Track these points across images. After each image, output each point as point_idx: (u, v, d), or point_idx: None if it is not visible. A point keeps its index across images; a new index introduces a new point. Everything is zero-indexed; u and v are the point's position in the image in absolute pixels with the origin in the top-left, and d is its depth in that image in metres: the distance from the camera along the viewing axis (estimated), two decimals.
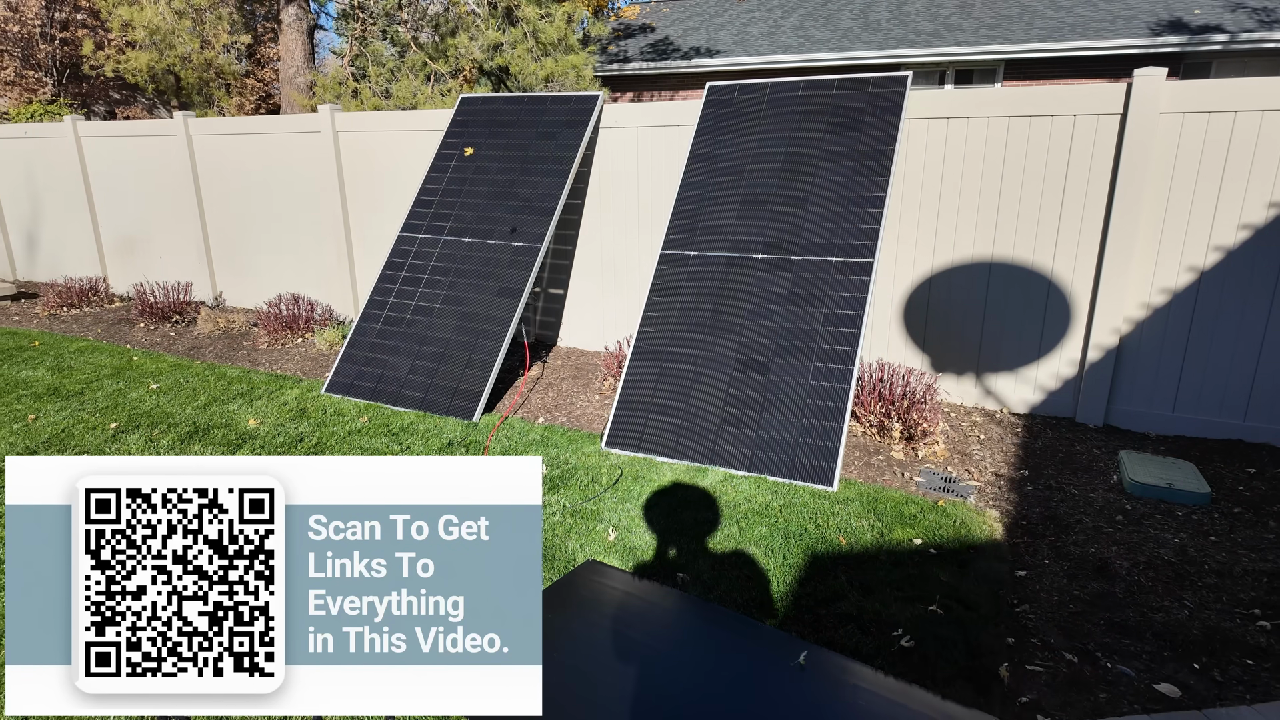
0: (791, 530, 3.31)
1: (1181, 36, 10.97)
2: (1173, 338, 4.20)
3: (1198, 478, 3.64)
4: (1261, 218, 3.91)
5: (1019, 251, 4.44)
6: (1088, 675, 2.47)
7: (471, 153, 4.97)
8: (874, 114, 4.50)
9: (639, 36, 15.61)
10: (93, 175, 8.03)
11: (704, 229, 4.63)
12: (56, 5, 16.76)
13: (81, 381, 5.29)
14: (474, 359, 4.81)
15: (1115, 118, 4.09)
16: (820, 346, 4.05)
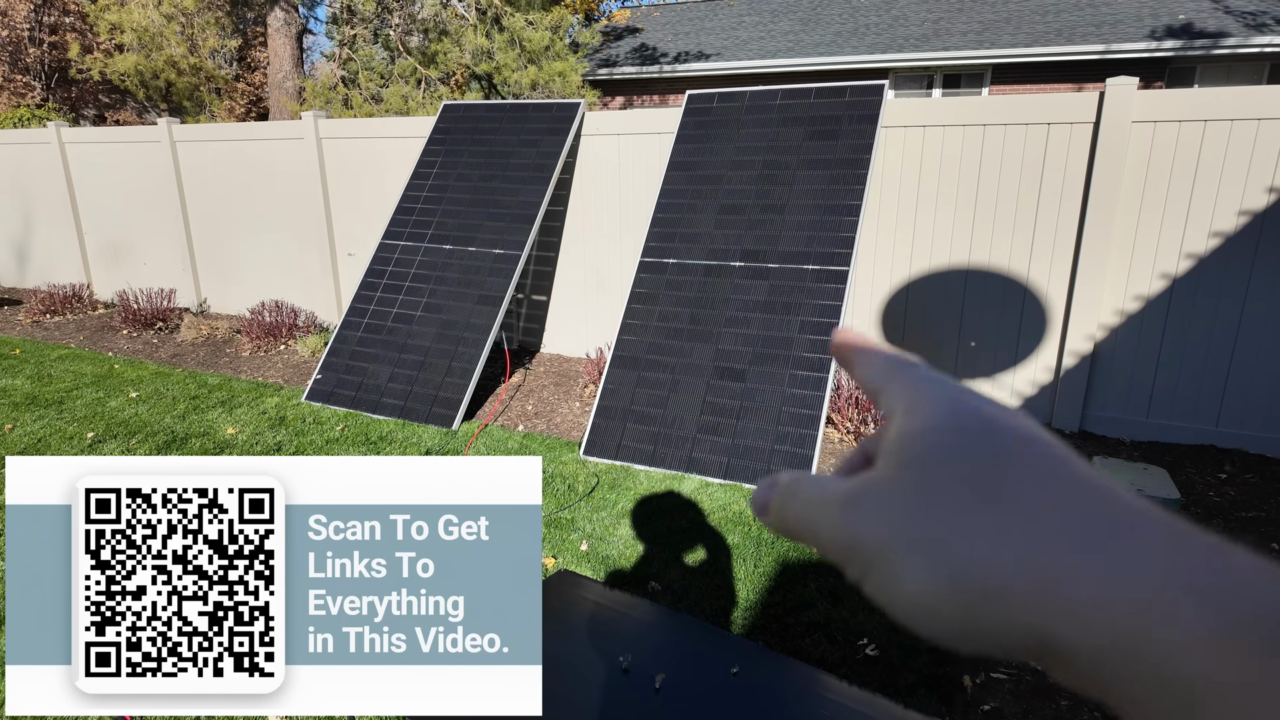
0: (764, 538, 3.32)
1: (1168, 42, 11.05)
2: (1146, 344, 4.23)
3: (1168, 483, 3.66)
4: (1231, 225, 3.95)
5: (995, 259, 4.47)
6: (1051, 683, 2.48)
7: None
8: (851, 122, 4.52)
9: (628, 40, 15.65)
10: (77, 181, 8.01)
11: (683, 237, 4.64)
12: (45, 9, 16.73)
13: (61, 390, 5.28)
14: (454, 367, 4.82)
15: (1089, 126, 4.12)
16: (797, 354, 4.07)
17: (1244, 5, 11.79)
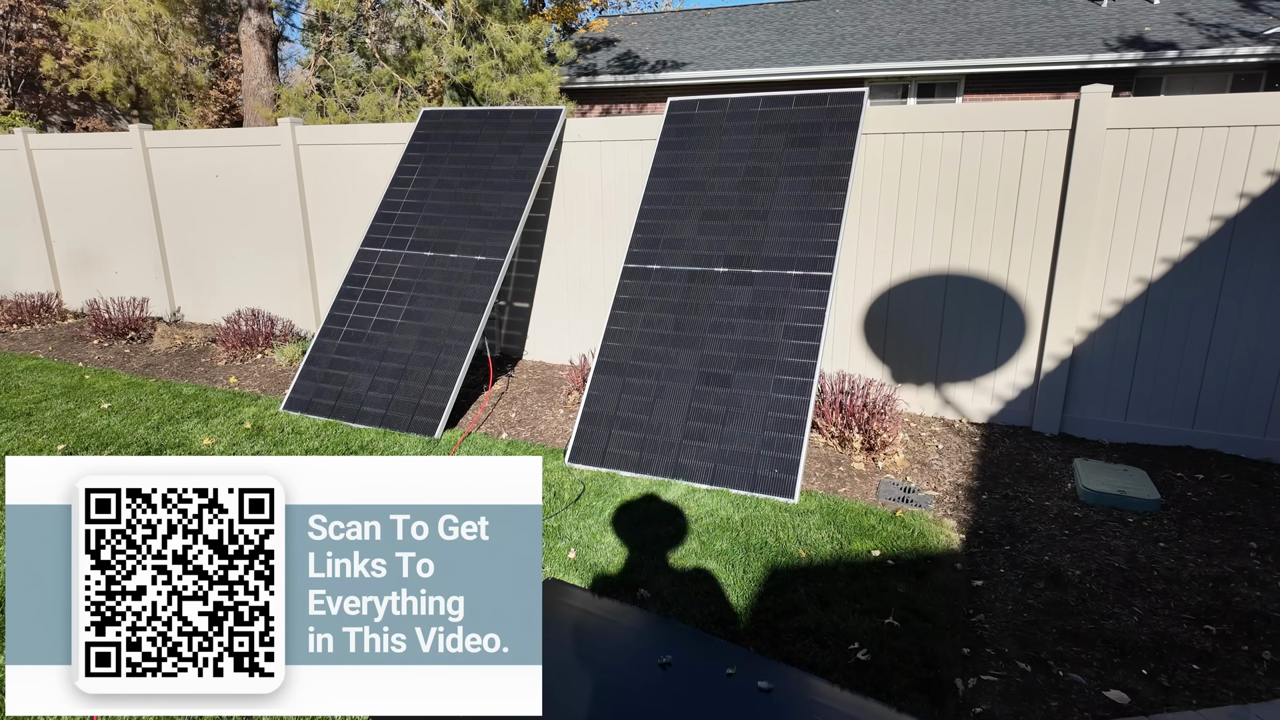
0: (752, 543, 3.31)
1: (1135, 53, 11.31)
2: (1123, 346, 4.30)
3: (1148, 484, 3.71)
4: (1204, 230, 4.03)
5: (975, 264, 4.52)
6: (1040, 684, 2.49)
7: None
8: (832, 129, 4.56)
9: (606, 50, 15.70)
10: (45, 189, 7.84)
11: (666, 243, 4.64)
12: (12, 16, 16.40)
13: (29, 401, 5.14)
14: (436, 374, 4.76)
15: (1064, 133, 4.19)
16: (781, 359, 4.07)
17: (1208, 18, 12.11)
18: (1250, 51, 10.84)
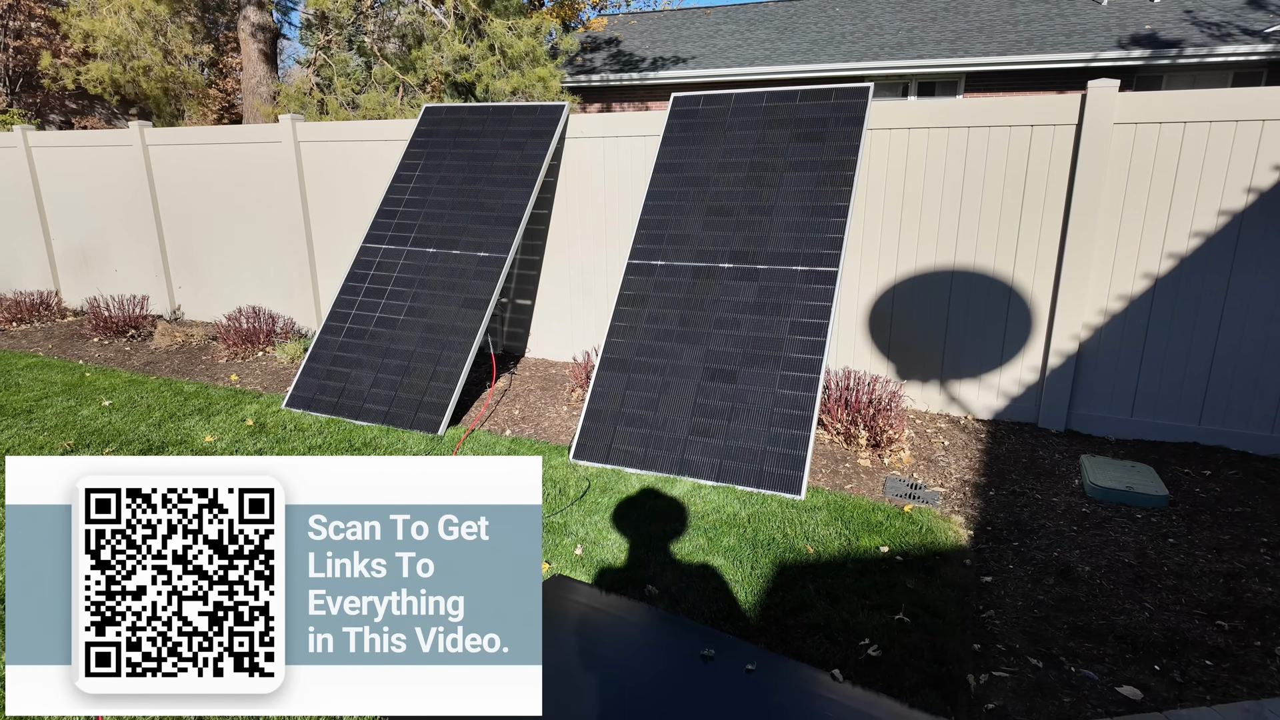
0: (760, 540, 3.29)
1: (1135, 51, 11.30)
2: (1130, 343, 4.28)
3: (1156, 480, 3.70)
4: (1212, 225, 4.01)
5: (980, 259, 4.50)
6: (1052, 680, 2.48)
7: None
8: (837, 125, 4.54)
9: (606, 48, 15.68)
10: (44, 186, 7.81)
11: (670, 239, 4.62)
12: (11, 14, 16.36)
13: (30, 399, 5.11)
14: (439, 371, 4.74)
15: (1071, 128, 4.17)
16: (787, 355, 4.05)
17: (1209, 16, 12.11)
18: (1251, 49, 10.84)
